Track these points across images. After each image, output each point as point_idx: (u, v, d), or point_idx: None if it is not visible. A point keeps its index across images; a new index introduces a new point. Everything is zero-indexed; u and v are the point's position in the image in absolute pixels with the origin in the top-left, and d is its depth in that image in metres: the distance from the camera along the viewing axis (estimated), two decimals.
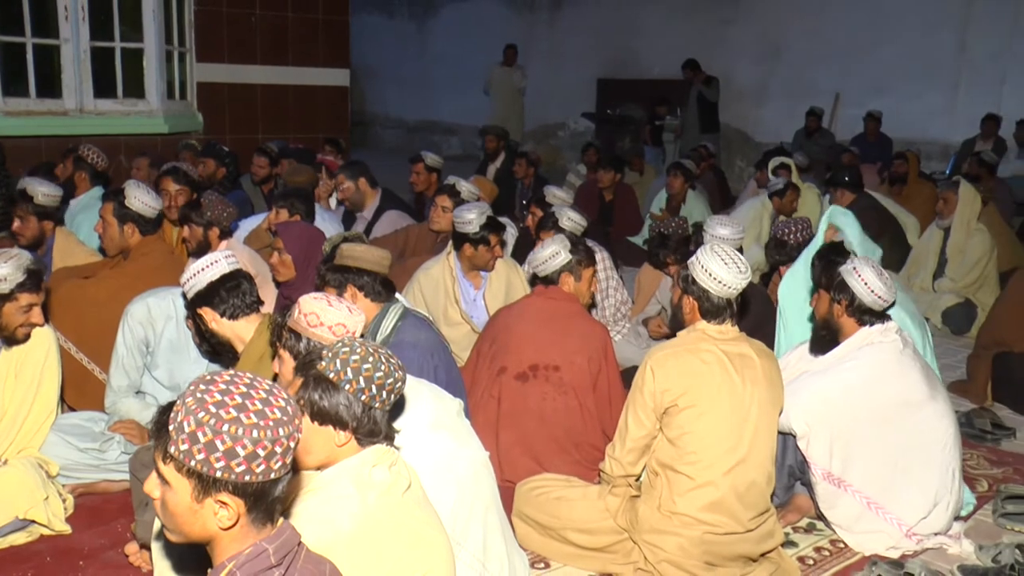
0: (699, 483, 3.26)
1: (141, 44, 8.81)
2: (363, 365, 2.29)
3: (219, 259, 3.55)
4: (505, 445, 4.05)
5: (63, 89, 8.47)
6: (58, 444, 3.91)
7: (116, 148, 8.25)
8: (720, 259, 3.28)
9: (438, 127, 18.82)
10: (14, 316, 3.63)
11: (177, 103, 9.24)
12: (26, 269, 3.61)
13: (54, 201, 5.26)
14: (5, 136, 7.88)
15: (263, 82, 9.80)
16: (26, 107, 8.28)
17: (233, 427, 1.71)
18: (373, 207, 6.79)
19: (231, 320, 3.51)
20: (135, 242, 4.79)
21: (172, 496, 1.78)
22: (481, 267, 5.09)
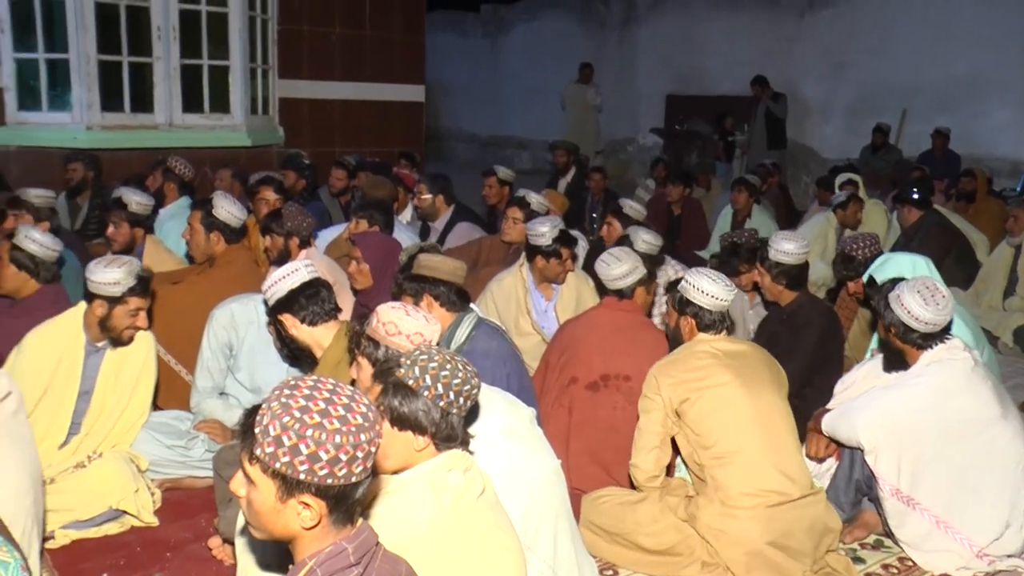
0: (738, 464, 3.34)
1: (227, 62, 8.99)
2: (441, 372, 2.30)
3: (299, 268, 3.61)
4: (575, 454, 4.03)
5: (154, 104, 8.68)
6: (148, 441, 4.02)
7: (201, 160, 8.41)
8: (708, 278, 3.54)
9: (509, 142, 18.88)
10: (122, 319, 3.76)
11: (259, 118, 9.41)
12: (137, 275, 3.75)
13: (146, 210, 5.41)
14: (102, 149, 8.09)
15: (341, 97, 9.93)
16: (121, 121, 8.50)
17: (316, 432, 1.73)
18: (445, 219, 6.84)
19: (310, 326, 3.56)
20: (220, 250, 4.89)
21: (257, 495, 1.80)
22: (552, 279, 5.09)
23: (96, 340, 3.85)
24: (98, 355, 3.89)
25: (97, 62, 8.28)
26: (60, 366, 3.80)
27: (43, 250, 4.25)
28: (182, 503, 4.03)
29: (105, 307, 3.75)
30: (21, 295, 4.32)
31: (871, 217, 7.84)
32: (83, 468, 3.80)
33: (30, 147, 8.25)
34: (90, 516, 3.71)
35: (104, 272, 3.72)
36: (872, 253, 4.94)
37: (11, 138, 8.23)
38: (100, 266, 3.74)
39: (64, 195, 7.36)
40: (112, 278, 3.71)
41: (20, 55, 8.24)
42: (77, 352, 3.83)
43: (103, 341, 3.86)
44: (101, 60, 8.32)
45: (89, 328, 3.83)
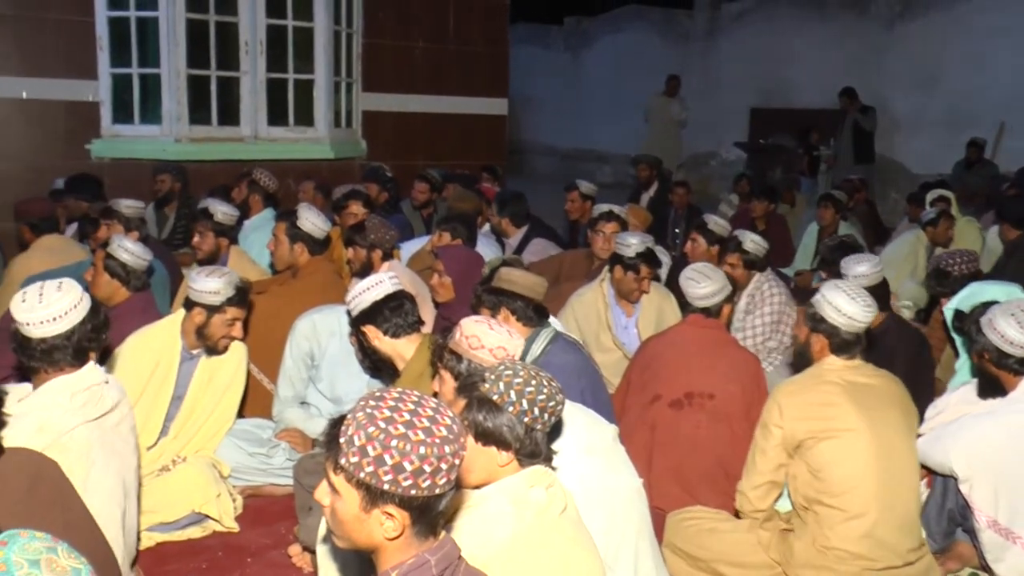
0: (851, 515, 3.18)
1: (312, 76, 9.15)
2: (526, 388, 2.31)
3: (383, 280, 3.65)
4: (657, 472, 4.00)
5: (240, 117, 8.87)
6: (230, 447, 4.12)
7: (285, 172, 8.58)
8: (847, 295, 3.32)
9: (591, 155, 18.85)
10: (219, 328, 3.88)
11: (343, 131, 9.56)
12: (236, 286, 3.87)
13: (231, 220, 5.55)
14: (189, 160, 8.31)
15: (424, 111, 10.01)
16: (208, 134, 8.72)
17: (401, 443, 1.75)
18: (518, 237, 6.86)
19: (392, 338, 3.60)
20: (304, 261, 4.98)
21: (341, 505, 1.82)
22: (626, 295, 5.03)
23: (192, 347, 3.97)
24: (192, 362, 4.00)
25: (187, 76, 8.52)
26: (156, 370, 3.93)
27: (134, 259, 4.39)
28: (262, 510, 4.11)
29: (204, 315, 3.86)
30: (112, 302, 4.45)
31: (963, 235, 7.63)
32: (168, 471, 3.92)
33: (122, 159, 8.50)
34: (174, 519, 3.82)
35: (205, 281, 3.83)
36: (969, 270, 4.81)
37: (105, 150, 8.50)
38: (201, 275, 3.86)
39: (152, 205, 7.58)
40: (212, 287, 3.83)
41: (116, 70, 8.51)
42: (173, 358, 3.95)
43: (199, 349, 3.97)
44: (190, 74, 8.55)
45: (186, 335, 3.94)
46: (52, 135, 8.34)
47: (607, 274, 5.11)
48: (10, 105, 8.18)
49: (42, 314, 2.83)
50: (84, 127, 8.44)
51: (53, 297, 2.87)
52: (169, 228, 7.62)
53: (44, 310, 2.84)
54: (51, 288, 2.90)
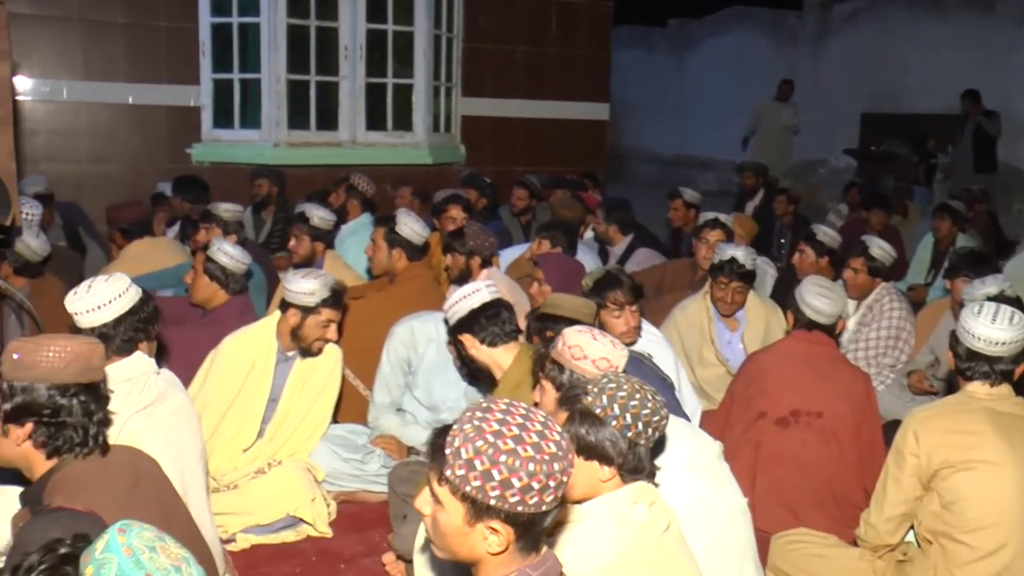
0: (983, 553, 3.03)
1: (411, 80, 9.27)
2: (630, 402, 2.29)
3: (480, 288, 3.68)
4: (761, 493, 3.92)
5: (339, 122, 9.05)
6: (325, 452, 4.19)
7: (383, 177, 8.69)
8: (983, 320, 3.07)
9: (694, 161, 18.68)
10: (314, 329, 3.97)
11: (441, 135, 9.65)
12: (331, 288, 3.96)
13: (328, 225, 5.65)
14: (287, 165, 8.51)
15: (523, 115, 10.04)
16: (306, 139, 8.92)
17: (510, 458, 1.75)
18: (623, 245, 6.83)
19: (490, 347, 3.61)
20: (401, 267, 5.05)
21: (444, 516, 1.83)
22: (713, 301, 4.97)
23: (287, 349, 4.06)
24: (288, 364, 4.10)
25: (286, 81, 8.73)
26: (253, 371, 4.03)
27: (234, 263, 4.51)
28: (356, 516, 4.17)
29: (298, 316, 3.95)
30: (211, 305, 4.59)
31: None
32: (263, 474, 4.01)
33: (222, 163, 8.78)
34: (269, 521, 3.91)
35: (300, 282, 3.93)
36: None
37: (205, 154, 8.78)
38: (297, 276, 3.96)
39: (250, 209, 7.77)
40: (308, 288, 3.91)
41: (217, 76, 8.78)
42: (269, 359, 4.05)
43: (294, 350, 4.06)
44: (290, 79, 8.76)
45: (281, 336, 4.04)
46: (155, 139, 8.67)
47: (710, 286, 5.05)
48: (116, 110, 8.52)
49: (89, 302, 3.07)
50: (185, 132, 8.75)
51: (100, 287, 3.12)
52: (266, 232, 7.80)
53: (91, 298, 3.08)
54: (99, 280, 3.16)
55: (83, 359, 2.31)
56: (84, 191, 8.25)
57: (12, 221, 3.88)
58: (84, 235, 7.09)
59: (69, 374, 2.28)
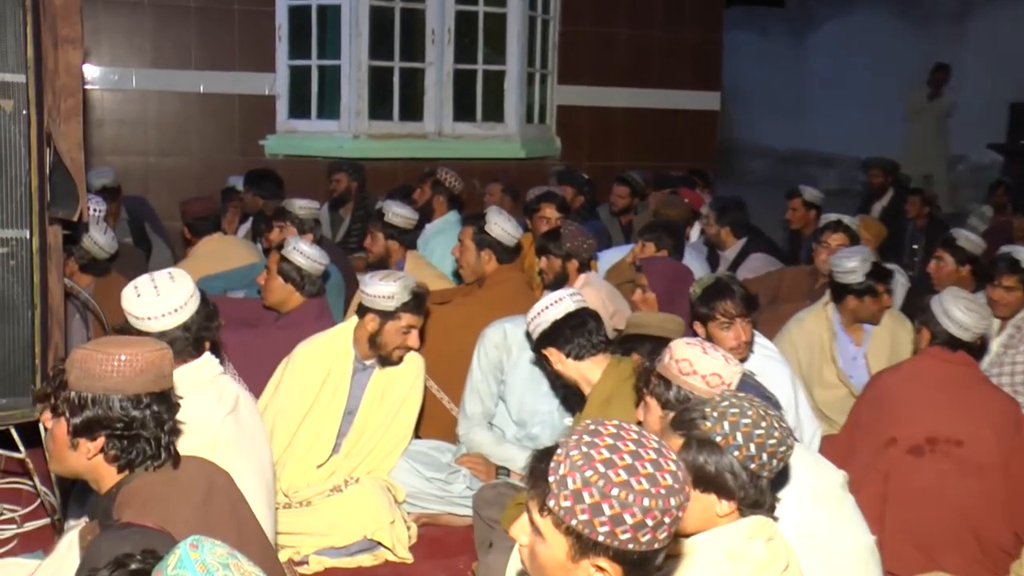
0: None
1: (503, 66, 9.31)
2: (755, 430, 2.27)
3: (563, 297, 3.68)
4: (891, 530, 3.83)
5: (424, 112, 9.15)
6: (406, 470, 4.23)
7: (471, 172, 8.75)
8: None
9: (813, 157, 18.38)
10: (393, 336, 4.02)
11: (535, 127, 9.67)
12: (412, 291, 4.00)
13: (406, 223, 5.70)
14: (367, 158, 8.63)
15: (624, 105, 10.01)
16: (388, 130, 9.03)
17: (623, 492, 1.74)
18: (735, 249, 6.76)
19: (576, 361, 3.61)
20: (491, 269, 5.08)
21: (544, 549, 1.83)
22: (867, 320, 4.88)
23: (365, 357, 4.11)
24: (365, 373, 4.16)
25: (368, 68, 8.85)
26: (328, 380, 4.10)
27: (310, 264, 4.59)
28: (439, 541, 4.20)
29: (377, 322, 4.00)
30: (285, 308, 4.68)
31: None
32: (339, 492, 4.07)
33: (297, 156, 8.94)
34: (344, 544, 3.97)
35: (379, 285, 3.98)
36: None
37: (280, 147, 8.95)
38: (375, 279, 4.01)
39: (327, 206, 7.89)
40: (387, 291, 3.96)
41: (294, 62, 8.95)
42: (345, 368, 4.12)
43: (372, 359, 4.11)
44: (372, 66, 8.87)
45: (359, 343, 4.09)
46: (227, 130, 8.89)
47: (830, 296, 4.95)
48: (187, 99, 8.76)
49: (161, 306, 3.10)
50: (259, 122, 8.95)
51: (169, 288, 3.14)
52: (343, 230, 7.92)
53: (164, 302, 3.11)
54: (164, 279, 3.17)
55: (155, 367, 2.35)
56: (151, 185, 8.53)
57: (80, 216, 4.00)
58: (150, 231, 7.28)
59: (142, 383, 2.32)
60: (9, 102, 3.63)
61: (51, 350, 3.85)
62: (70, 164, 3.91)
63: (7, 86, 3.62)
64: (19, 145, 3.64)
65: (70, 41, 3.95)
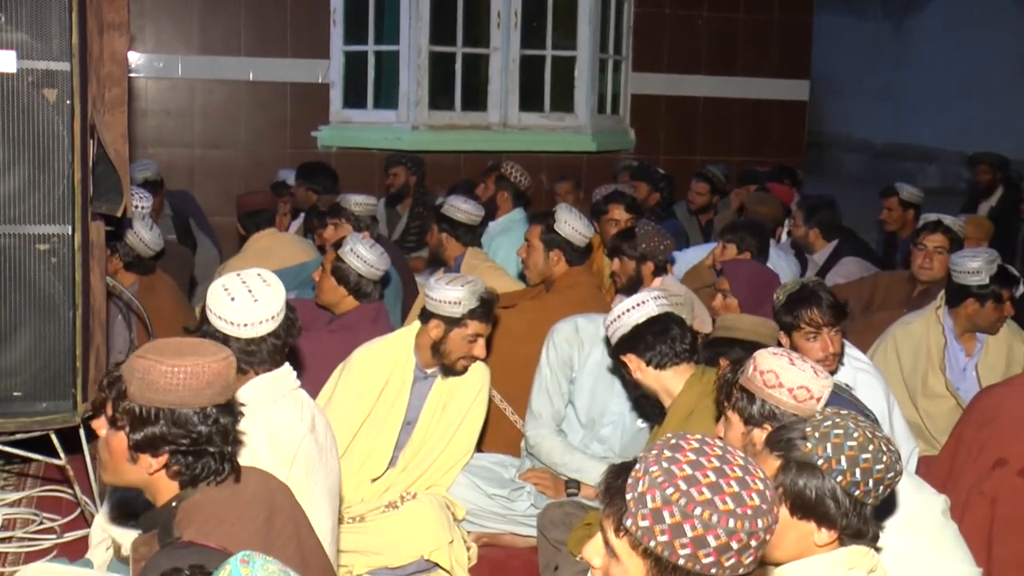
0: None
1: (573, 52, 9.32)
2: (861, 454, 2.24)
3: (647, 299, 3.66)
4: (1000, 560, 3.77)
5: (488, 101, 9.19)
6: (466, 486, 4.25)
7: (538, 166, 8.78)
8: None
9: (911, 152, 18.16)
10: (459, 345, 4.04)
11: (607, 118, 9.68)
12: (481, 296, 4.01)
13: (468, 218, 5.74)
14: (427, 151, 8.69)
15: (705, 95, 9.98)
16: (450, 121, 9.08)
17: (706, 512, 1.74)
18: (825, 252, 6.70)
19: (657, 369, 3.61)
20: (560, 271, 5.09)
21: (619, 572, 1.84)
22: (985, 328, 4.81)
23: (426, 365, 4.14)
24: (426, 382, 4.19)
25: (428, 54, 8.91)
26: (386, 390, 4.13)
27: (369, 269, 4.59)
28: (501, 563, 4.23)
29: (441, 328, 4.02)
30: (339, 311, 4.72)
31: None
32: (395, 509, 4.10)
33: (352, 148, 9.04)
34: (400, 564, 4.00)
35: (445, 289, 4.00)
36: None
37: (333, 138, 9.05)
38: (441, 283, 4.03)
39: (383, 202, 7.96)
40: (453, 296, 3.98)
41: (349, 48, 9.03)
42: (405, 377, 4.15)
43: (434, 368, 4.14)
44: (433, 51, 8.93)
45: (420, 351, 4.12)
46: (277, 121, 9.01)
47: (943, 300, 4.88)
48: (235, 88, 8.90)
49: (259, 313, 3.09)
50: (311, 112, 9.05)
51: (266, 294, 3.13)
52: (401, 228, 7.98)
53: (261, 309, 3.10)
54: (257, 283, 3.15)
55: (223, 377, 2.35)
56: (197, 179, 8.70)
57: (124, 211, 4.07)
58: (195, 228, 7.39)
59: (209, 396, 2.32)
60: (53, 91, 3.70)
61: (92, 353, 3.93)
62: (114, 156, 3.97)
63: (51, 75, 3.68)
64: (62, 136, 3.71)
65: (115, 27, 4.02)
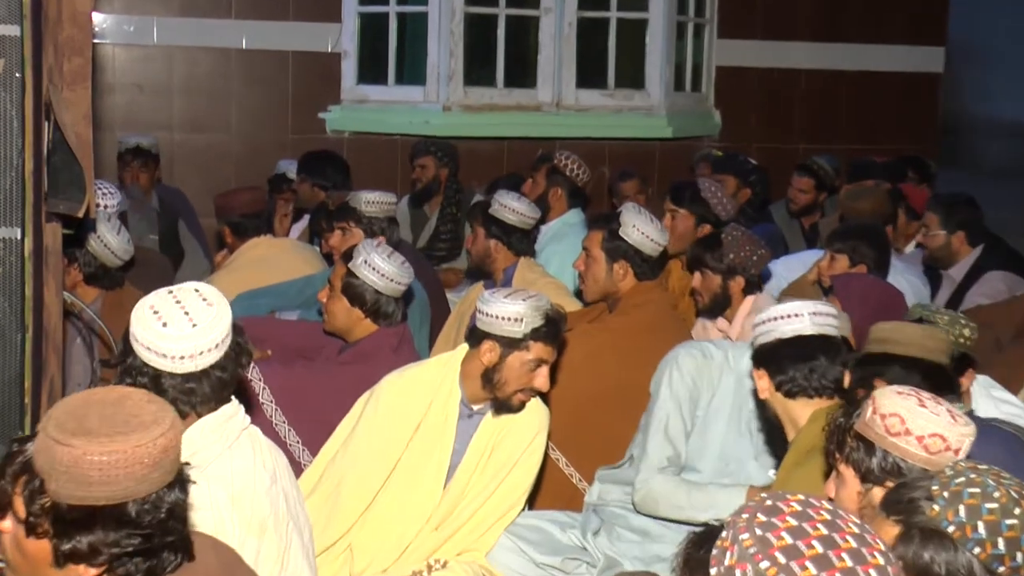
0: None
1: (644, 14, 9.30)
2: (1004, 520, 2.25)
3: (803, 312, 3.67)
4: None
5: (537, 76, 9.17)
6: (511, 551, 4.21)
7: (599, 156, 8.76)
8: None
9: None
10: (518, 373, 4.02)
11: (687, 96, 9.64)
12: (546, 314, 4.00)
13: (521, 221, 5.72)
14: (461, 137, 8.68)
15: (809, 67, 9.92)
16: (490, 99, 9.09)
17: None
18: (966, 265, 6.63)
19: (787, 397, 3.64)
20: (626, 287, 5.06)
21: None
22: None
23: (474, 400, 4.12)
24: (471, 421, 4.16)
25: (464, 16, 8.92)
26: (423, 428, 4.10)
27: (387, 283, 4.57)
28: None
29: (497, 352, 4.00)
30: (353, 337, 4.71)
31: None
32: None
33: (369, 133, 9.08)
34: None
35: (503, 304, 3.97)
36: None
37: (345, 120, 9.09)
38: (498, 296, 4.00)
39: (407, 200, 7.96)
40: (513, 312, 3.95)
41: (366, 8, 9.09)
42: (449, 413, 4.12)
43: (484, 402, 4.13)
44: (469, 14, 8.96)
45: (467, 380, 4.10)
46: (276, 99, 9.06)
47: None
48: (224, 59, 8.97)
49: (199, 342, 2.96)
50: (319, 88, 9.09)
51: (206, 316, 2.98)
52: (429, 233, 7.96)
53: (201, 336, 2.96)
54: (195, 302, 3.00)
55: (171, 453, 2.25)
56: (176, 169, 8.77)
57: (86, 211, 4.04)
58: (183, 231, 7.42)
59: (156, 479, 2.23)
60: None
61: (46, 384, 3.91)
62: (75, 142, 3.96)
63: None
64: (10, 117, 3.66)
65: None
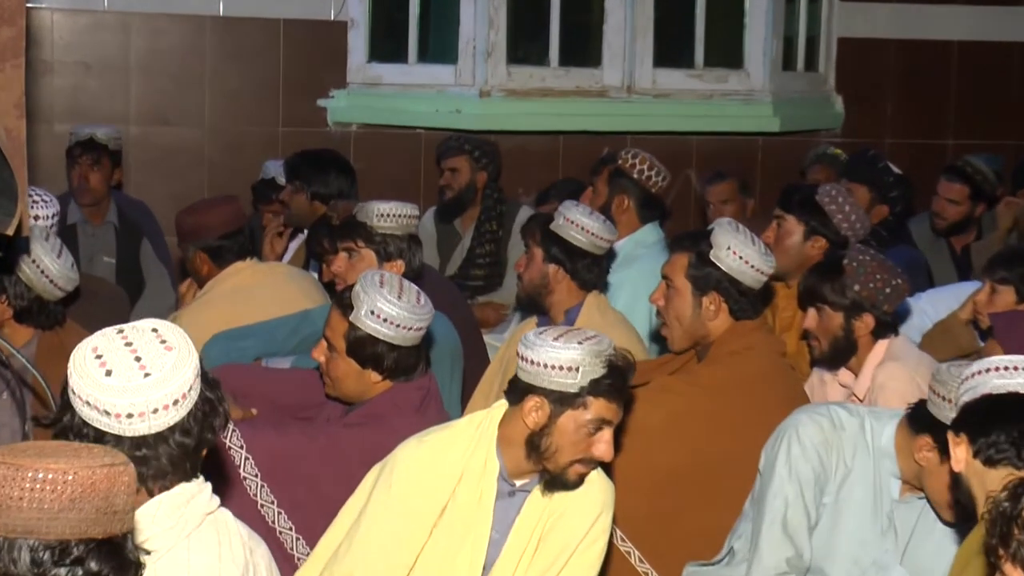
0: None
1: None
2: None
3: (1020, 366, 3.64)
4: None
5: (602, 53, 9.21)
6: None
7: (685, 155, 8.78)
8: None
9: None
10: (572, 437, 3.97)
11: (798, 77, 9.66)
12: (609, 361, 3.94)
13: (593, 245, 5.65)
14: (503, 131, 8.76)
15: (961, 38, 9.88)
16: (541, 82, 9.11)
17: None
18: None
19: (987, 466, 3.58)
20: (719, 328, 5.05)
21: None
22: None
23: (516, 473, 4.09)
24: (514, 500, 4.13)
25: None
26: (448, 516, 4.08)
27: (398, 332, 4.52)
28: None
29: (545, 411, 3.95)
30: (364, 397, 4.68)
31: None
32: None
33: (381, 126, 9.14)
34: None
35: (552, 348, 3.93)
36: None
37: (353, 110, 9.16)
38: (546, 337, 3.94)
39: (433, 213, 7.99)
40: (566, 359, 3.91)
41: None
42: (485, 488, 4.09)
43: (529, 476, 4.11)
44: None
45: (507, 447, 4.07)
46: (265, 82, 9.13)
47: None
48: (197, 28, 9.07)
49: (155, 395, 2.90)
50: (320, 67, 9.18)
51: (164, 361, 2.93)
52: (462, 256, 7.97)
53: (158, 388, 2.90)
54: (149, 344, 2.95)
55: (100, 495, 2.24)
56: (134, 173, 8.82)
57: (18, 228, 4.03)
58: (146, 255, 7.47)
59: (73, 523, 2.21)
60: None
61: None
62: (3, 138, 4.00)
63: None
64: None
65: None
